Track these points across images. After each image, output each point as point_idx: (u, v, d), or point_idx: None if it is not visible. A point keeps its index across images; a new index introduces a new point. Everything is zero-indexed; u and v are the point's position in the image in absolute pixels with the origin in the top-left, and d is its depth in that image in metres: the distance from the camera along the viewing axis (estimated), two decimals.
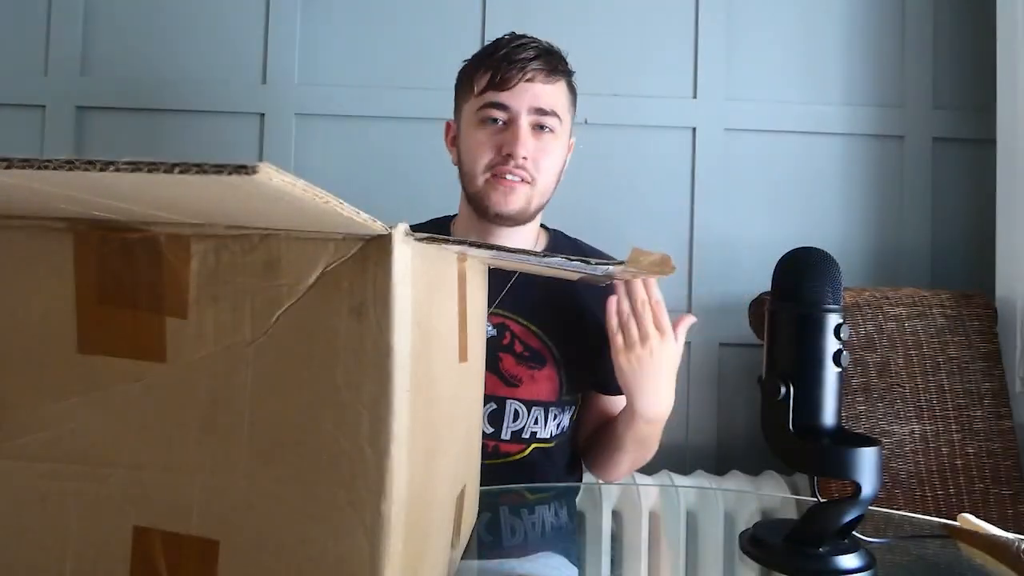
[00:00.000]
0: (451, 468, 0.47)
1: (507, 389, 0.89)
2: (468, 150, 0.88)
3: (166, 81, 1.36)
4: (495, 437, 0.89)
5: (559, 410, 0.92)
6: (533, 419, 0.90)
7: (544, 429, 0.91)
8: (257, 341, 0.33)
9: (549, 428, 0.91)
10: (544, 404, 0.90)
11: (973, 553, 0.60)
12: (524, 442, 0.90)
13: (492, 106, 0.85)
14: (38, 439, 0.34)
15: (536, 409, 0.90)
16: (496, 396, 0.89)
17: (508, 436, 0.90)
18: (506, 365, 0.90)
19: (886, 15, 1.43)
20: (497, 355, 0.89)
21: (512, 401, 0.89)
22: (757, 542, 0.57)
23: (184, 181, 0.21)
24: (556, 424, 0.93)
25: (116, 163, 0.20)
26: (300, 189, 0.23)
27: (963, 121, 1.42)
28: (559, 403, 0.92)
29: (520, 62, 0.84)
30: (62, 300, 0.34)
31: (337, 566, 0.32)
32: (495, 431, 0.89)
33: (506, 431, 0.89)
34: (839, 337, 0.54)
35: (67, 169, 0.21)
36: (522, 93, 0.84)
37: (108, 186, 0.25)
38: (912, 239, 1.41)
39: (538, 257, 0.42)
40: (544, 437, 0.91)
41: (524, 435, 0.90)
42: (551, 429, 0.92)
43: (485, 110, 0.85)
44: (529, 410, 0.90)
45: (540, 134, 0.86)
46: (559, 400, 0.91)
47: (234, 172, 0.20)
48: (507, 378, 0.90)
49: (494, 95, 0.85)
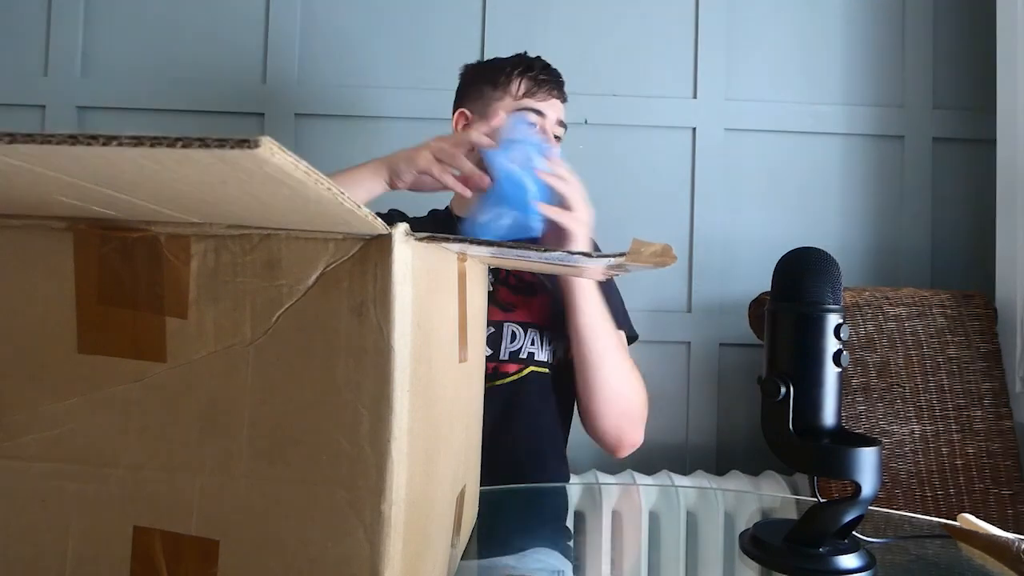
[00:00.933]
0: (451, 468, 0.47)
1: (503, 314, 0.95)
2: None
3: (166, 81, 1.36)
4: (494, 359, 0.94)
5: (554, 335, 0.96)
6: (530, 340, 0.95)
7: (541, 351, 0.96)
8: (257, 341, 0.33)
9: (546, 352, 0.96)
10: (539, 327, 0.96)
11: (973, 553, 0.60)
12: (522, 362, 0.95)
13: (531, 111, 0.98)
14: (38, 439, 0.34)
15: (532, 331, 0.95)
16: (493, 320, 0.94)
17: (506, 356, 0.94)
18: (501, 295, 0.97)
19: (886, 15, 1.43)
20: (493, 286, 0.96)
21: (508, 323, 0.95)
22: (757, 542, 0.57)
23: (187, 158, 0.21)
24: (551, 351, 0.97)
25: (119, 137, 0.20)
26: (302, 171, 0.23)
27: (963, 121, 1.42)
28: (553, 328, 0.96)
29: (552, 82, 1.00)
30: (62, 300, 0.34)
31: (337, 566, 0.32)
32: (493, 352, 0.94)
33: (504, 352, 0.94)
34: (839, 337, 0.54)
35: (70, 144, 0.21)
36: (553, 106, 1.00)
37: (109, 174, 0.25)
38: (912, 239, 1.41)
39: (539, 253, 0.42)
40: (541, 360, 0.95)
41: (522, 355, 0.95)
42: (547, 354, 0.96)
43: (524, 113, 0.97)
44: (526, 331, 0.95)
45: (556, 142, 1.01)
46: (553, 325, 0.96)
47: (236, 146, 0.20)
48: (503, 304, 0.96)
49: (533, 102, 0.98)
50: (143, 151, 0.21)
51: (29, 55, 1.35)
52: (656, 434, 1.37)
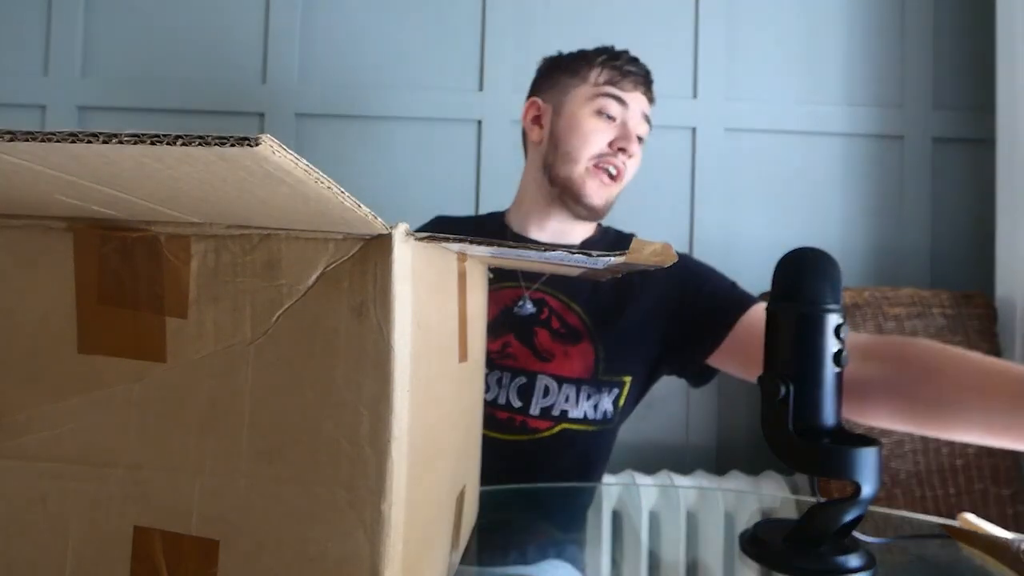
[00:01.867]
0: (451, 468, 0.47)
1: (538, 364, 0.88)
2: (577, 135, 0.89)
3: (166, 81, 1.36)
4: (523, 412, 0.87)
5: (594, 389, 0.89)
6: (564, 396, 0.87)
7: (576, 408, 0.88)
8: (257, 341, 0.33)
9: (583, 408, 0.88)
10: (576, 381, 0.88)
11: (973, 553, 0.60)
12: (553, 419, 0.88)
13: (613, 98, 0.89)
14: (38, 439, 0.34)
15: (567, 386, 0.87)
16: (527, 370, 0.87)
17: (537, 412, 0.87)
18: (541, 340, 0.89)
19: (886, 15, 1.43)
20: (533, 330, 0.89)
21: (542, 376, 0.87)
22: (757, 542, 0.57)
23: (187, 156, 0.21)
24: (592, 405, 0.89)
25: (119, 135, 0.20)
26: (302, 169, 0.23)
27: (963, 121, 1.42)
28: (594, 382, 0.89)
29: (636, 76, 0.91)
30: (62, 300, 0.34)
31: (337, 566, 0.32)
32: (523, 405, 0.87)
33: (535, 406, 0.87)
34: (839, 337, 0.54)
35: (70, 142, 0.21)
36: (638, 99, 0.91)
37: (109, 173, 0.25)
38: (912, 239, 1.41)
39: (539, 252, 0.42)
40: (575, 417, 0.88)
41: (553, 412, 0.87)
42: (584, 409, 0.88)
43: (605, 100, 0.89)
44: (560, 386, 0.87)
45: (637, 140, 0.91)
46: (594, 379, 0.88)
47: (237, 144, 0.20)
48: (540, 352, 0.88)
49: (616, 91, 0.89)
50: (143, 149, 0.21)
51: (29, 55, 1.35)
52: (656, 434, 1.37)
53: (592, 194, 0.90)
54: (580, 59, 0.93)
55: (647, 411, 1.37)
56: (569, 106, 0.91)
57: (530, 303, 0.90)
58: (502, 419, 0.88)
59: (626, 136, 0.88)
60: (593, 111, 0.89)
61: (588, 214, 0.92)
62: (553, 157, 0.91)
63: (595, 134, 0.88)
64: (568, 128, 0.90)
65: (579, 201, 0.90)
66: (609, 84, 0.89)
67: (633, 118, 0.90)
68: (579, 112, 0.90)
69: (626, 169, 0.91)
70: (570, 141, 0.90)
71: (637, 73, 0.91)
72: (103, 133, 0.20)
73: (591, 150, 0.88)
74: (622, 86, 0.89)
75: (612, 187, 0.91)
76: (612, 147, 0.88)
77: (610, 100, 0.88)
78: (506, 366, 0.89)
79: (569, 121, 0.90)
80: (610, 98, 0.88)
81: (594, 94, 0.89)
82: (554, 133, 0.92)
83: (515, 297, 0.91)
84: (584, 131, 0.89)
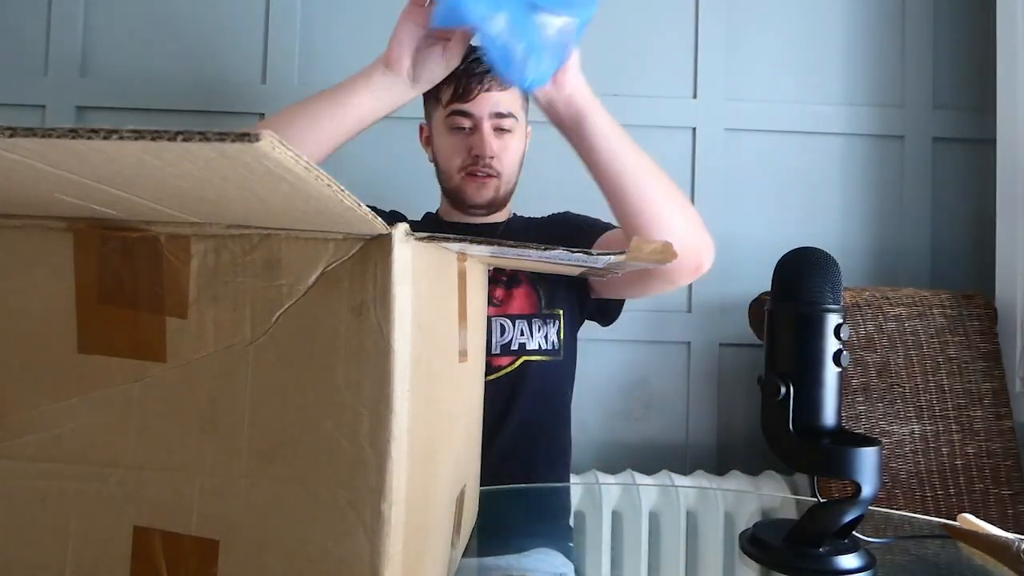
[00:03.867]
0: (451, 468, 0.47)
1: (491, 308, 0.97)
2: (442, 153, 1.00)
3: (166, 81, 1.36)
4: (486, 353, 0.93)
5: (542, 322, 0.99)
6: (519, 331, 0.97)
7: (532, 340, 0.98)
8: (257, 341, 0.33)
9: (536, 340, 0.98)
10: (526, 317, 0.98)
11: (973, 553, 0.60)
12: (513, 354, 0.96)
13: (459, 114, 0.96)
14: (38, 439, 0.34)
15: (520, 322, 0.98)
16: None
17: (498, 350, 0.96)
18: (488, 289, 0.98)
19: (886, 15, 1.43)
20: None
21: (496, 318, 0.97)
22: (757, 542, 0.57)
23: (187, 152, 0.21)
24: (543, 336, 0.98)
25: (120, 131, 0.20)
26: (302, 167, 0.23)
27: (963, 121, 1.42)
28: (540, 315, 0.99)
29: (478, 75, 0.94)
30: (62, 300, 0.34)
31: (337, 566, 0.32)
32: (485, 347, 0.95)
33: (496, 346, 0.96)
34: (839, 337, 0.54)
35: (70, 138, 0.21)
36: (482, 102, 0.95)
37: (109, 170, 0.25)
38: (912, 239, 1.41)
39: (539, 251, 0.42)
40: (533, 348, 0.97)
41: (513, 347, 0.97)
42: (539, 341, 0.98)
43: (453, 118, 0.96)
44: (514, 323, 0.97)
45: (501, 134, 0.98)
46: (539, 312, 0.99)
47: (237, 140, 0.20)
48: (491, 300, 0.97)
49: (459, 106, 0.95)
50: (143, 145, 0.21)
51: (29, 55, 1.35)
52: (656, 434, 1.37)
53: (473, 196, 0.99)
54: None
55: (647, 411, 1.37)
56: (435, 129, 1.01)
57: None
58: None
59: (480, 142, 0.95)
60: (448, 130, 0.97)
61: (483, 211, 1.02)
62: (439, 174, 1.03)
63: (452, 150, 0.98)
64: (437, 149, 1.01)
65: (467, 204, 1.00)
66: (454, 100, 0.95)
67: (484, 121, 0.95)
68: (439, 134, 0.99)
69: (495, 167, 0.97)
70: (442, 160, 1.00)
71: (477, 73, 0.94)
72: (103, 129, 0.20)
73: (455, 164, 0.98)
74: (466, 96, 0.94)
75: (491, 183, 0.98)
76: (471, 154, 0.97)
77: (457, 117, 0.96)
78: None
79: (437, 143, 1.01)
80: (455, 115, 0.96)
81: (445, 115, 0.97)
82: (435, 153, 1.02)
83: None
84: (444, 150, 0.99)
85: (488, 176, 0.98)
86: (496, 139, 0.97)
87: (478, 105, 0.95)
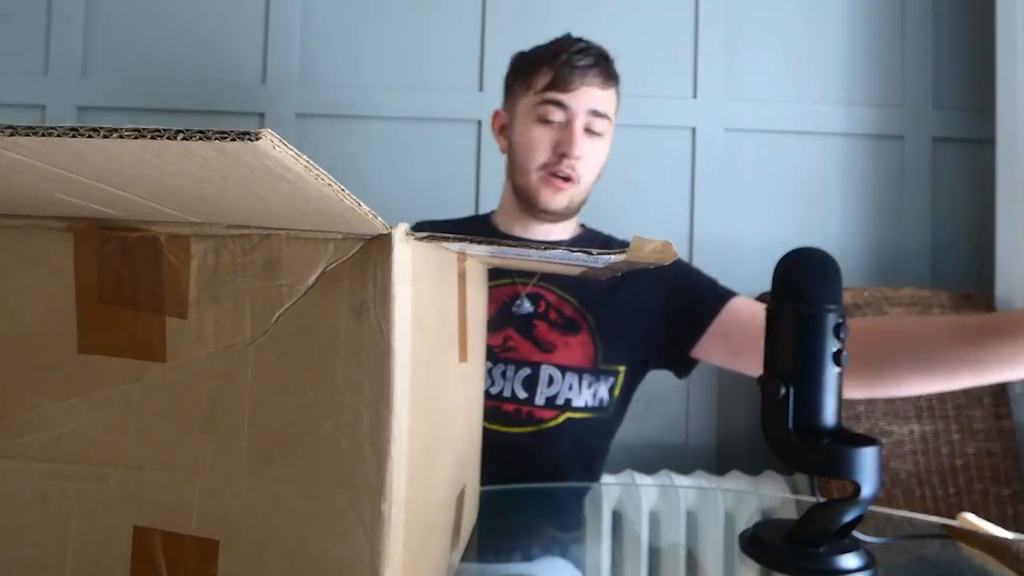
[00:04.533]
0: (451, 468, 0.47)
1: (541, 355, 0.90)
2: (523, 145, 0.91)
3: (166, 81, 1.36)
4: (528, 403, 0.89)
5: (594, 378, 0.92)
6: (567, 385, 0.90)
7: (579, 397, 0.91)
8: (257, 341, 0.33)
9: (584, 397, 0.91)
10: (579, 370, 0.91)
11: (973, 553, 0.60)
12: (557, 408, 0.90)
13: (552, 104, 0.88)
14: (38, 439, 0.34)
15: (570, 375, 0.90)
16: (531, 361, 0.90)
17: (542, 402, 0.89)
18: (540, 332, 0.91)
19: (886, 15, 1.43)
20: (532, 323, 0.92)
21: (546, 366, 0.90)
22: (757, 542, 0.57)
23: (188, 151, 0.21)
24: (592, 394, 0.92)
25: (120, 130, 0.20)
26: (302, 166, 0.23)
27: (963, 121, 1.42)
28: (594, 371, 0.92)
29: (581, 68, 0.88)
30: (62, 300, 0.34)
31: (337, 566, 0.32)
32: (528, 396, 0.89)
33: (540, 396, 0.89)
34: (839, 337, 0.54)
35: (71, 136, 0.21)
36: (581, 96, 0.88)
37: (109, 169, 0.25)
38: (912, 239, 1.41)
39: (539, 251, 0.42)
40: (579, 405, 0.91)
41: (558, 401, 0.90)
42: (586, 398, 0.91)
43: (545, 107, 0.89)
44: (563, 375, 0.90)
45: (591, 136, 0.91)
46: (594, 368, 0.92)
47: (237, 138, 0.20)
48: (542, 344, 0.90)
49: (555, 95, 0.88)
50: (144, 143, 0.21)
51: (29, 55, 1.35)
52: (656, 434, 1.37)
53: (547, 200, 0.91)
54: (529, 62, 0.93)
55: (647, 411, 1.37)
56: (519, 117, 0.93)
57: (527, 301, 0.92)
58: (508, 411, 0.90)
59: (569, 139, 0.88)
60: (536, 119, 0.90)
61: (552, 217, 0.95)
62: (512, 167, 0.95)
63: (539, 143, 0.90)
64: (518, 139, 0.93)
65: (537, 207, 0.93)
66: (550, 88, 0.88)
67: (578, 117, 0.89)
68: (525, 122, 0.91)
69: (578, 171, 0.90)
70: (520, 152, 0.92)
71: (584, 65, 0.88)
72: (104, 128, 0.20)
73: (537, 160, 0.90)
74: (565, 86, 0.88)
75: (568, 189, 0.91)
76: (555, 153, 0.90)
77: (550, 107, 0.89)
78: (509, 359, 0.91)
79: (519, 132, 0.92)
80: (550, 104, 0.88)
81: (536, 102, 0.90)
82: (511, 144, 0.95)
83: (511, 294, 0.94)
84: (527, 141, 0.91)
85: (567, 180, 0.90)
86: (586, 139, 0.90)
87: (576, 98, 0.88)
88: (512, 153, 0.94)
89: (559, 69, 0.88)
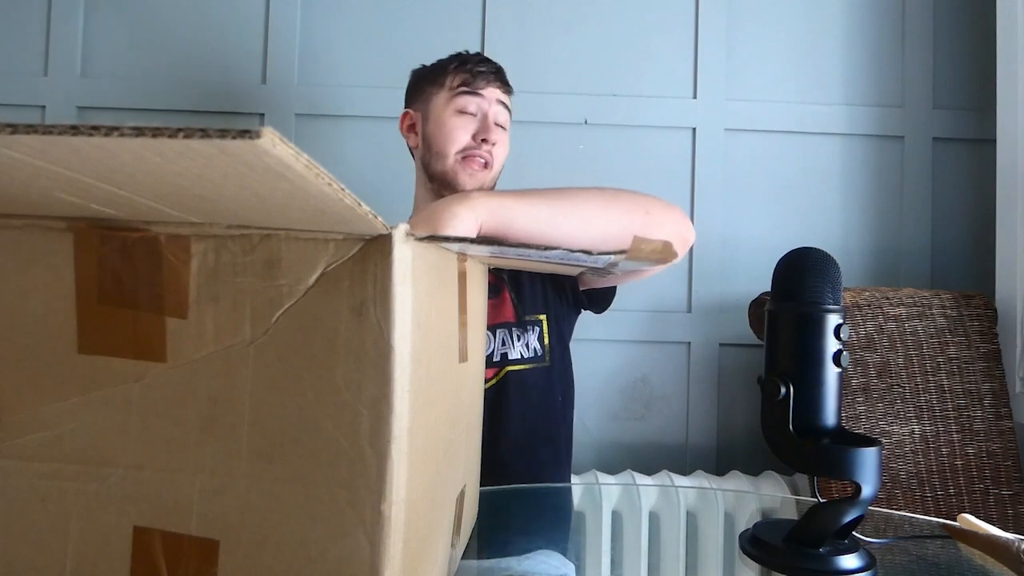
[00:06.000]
0: (451, 468, 0.47)
1: None
2: (441, 135, 1.00)
3: (166, 81, 1.36)
4: None
5: (521, 330, 0.99)
6: (500, 341, 0.97)
7: (513, 350, 0.98)
8: (257, 341, 0.33)
9: (518, 349, 0.98)
10: (505, 325, 0.98)
11: (973, 553, 0.60)
12: (496, 365, 0.96)
13: (469, 95, 0.99)
14: (38, 439, 0.34)
15: (501, 331, 0.98)
16: None
17: None
18: None
19: (886, 15, 1.43)
20: None
21: None
22: (757, 542, 0.57)
23: (188, 149, 0.21)
24: (524, 345, 0.99)
25: (120, 128, 0.20)
26: (303, 164, 0.23)
27: (963, 121, 1.42)
28: (520, 323, 0.99)
29: (486, 72, 1.01)
30: (62, 300, 0.34)
31: (337, 566, 0.32)
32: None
33: None
34: (839, 337, 0.54)
35: (71, 134, 0.21)
36: (492, 92, 1.01)
37: (109, 168, 0.25)
38: (912, 239, 1.41)
39: (539, 251, 0.42)
40: (515, 358, 0.97)
41: (494, 358, 0.96)
42: (520, 350, 0.98)
43: (463, 98, 0.99)
44: (494, 333, 0.97)
45: (498, 128, 1.01)
46: (519, 320, 0.99)
47: (238, 136, 0.20)
48: None
49: (471, 89, 0.99)
50: (144, 142, 0.21)
51: (29, 55, 1.35)
52: (656, 434, 1.37)
53: (465, 183, 0.99)
54: (438, 69, 1.04)
55: (647, 411, 1.37)
56: (434, 111, 1.01)
57: None
58: None
59: (486, 127, 0.98)
60: (454, 111, 0.99)
61: None
62: (428, 157, 1.02)
63: (458, 130, 0.99)
64: (435, 129, 1.01)
65: (456, 189, 0.99)
66: (463, 85, 0.99)
67: (491, 108, 1.00)
68: (443, 114, 1.00)
69: (493, 157, 1.00)
70: (438, 140, 1.00)
71: (488, 71, 1.01)
72: (104, 126, 0.20)
73: (456, 145, 0.98)
74: (475, 85, 0.99)
75: (483, 174, 1.00)
76: (476, 139, 0.98)
77: (467, 97, 0.99)
78: None
79: (435, 123, 1.01)
80: (467, 95, 0.99)
81: (453, 95, 0.99)
82: (426, 136, 1.03)
83: None
84: (448, 129, 0.99)
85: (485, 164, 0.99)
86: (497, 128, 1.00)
87: (488, 92, 1.00)
88: (428, 144, 1.02)
89: (470, 72, 1.00)
